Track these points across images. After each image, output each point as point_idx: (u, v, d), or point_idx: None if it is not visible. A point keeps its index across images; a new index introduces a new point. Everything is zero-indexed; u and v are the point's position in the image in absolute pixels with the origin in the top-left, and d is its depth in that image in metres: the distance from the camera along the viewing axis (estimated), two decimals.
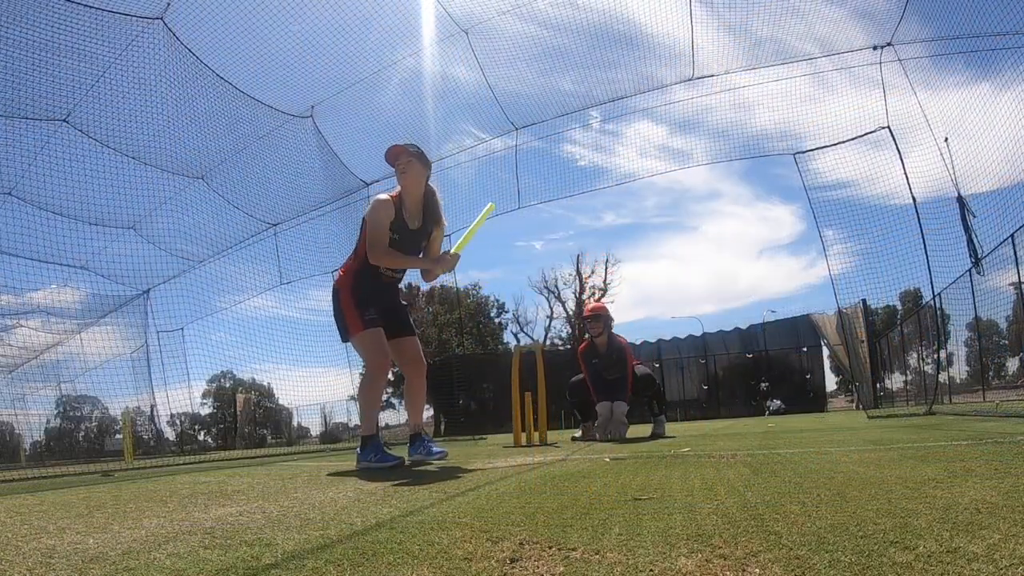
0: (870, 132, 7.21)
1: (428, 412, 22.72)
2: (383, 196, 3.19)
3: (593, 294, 31.18)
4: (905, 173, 6.91)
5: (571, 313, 30.50)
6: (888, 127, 7.07)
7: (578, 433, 5.66)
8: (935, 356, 10.50)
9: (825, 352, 20.07)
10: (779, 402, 18.44)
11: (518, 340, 34.04)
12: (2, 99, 5.85)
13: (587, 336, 5.62)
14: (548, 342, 33.76)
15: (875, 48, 6.81)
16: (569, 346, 26.67)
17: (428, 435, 3.44)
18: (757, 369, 20.48)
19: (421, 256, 3.33)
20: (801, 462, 2.25)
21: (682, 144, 8.89)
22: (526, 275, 50.64)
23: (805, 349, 20.12)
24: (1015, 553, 0.84)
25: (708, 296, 52.99)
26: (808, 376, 20.08)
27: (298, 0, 6.08)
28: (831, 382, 25.35)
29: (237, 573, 0.97)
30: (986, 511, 1.12)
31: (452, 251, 3.33)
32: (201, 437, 29.14)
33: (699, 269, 54.69)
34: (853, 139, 7.37)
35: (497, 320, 36.73)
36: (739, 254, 53.95)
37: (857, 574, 0.81)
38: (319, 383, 10.77)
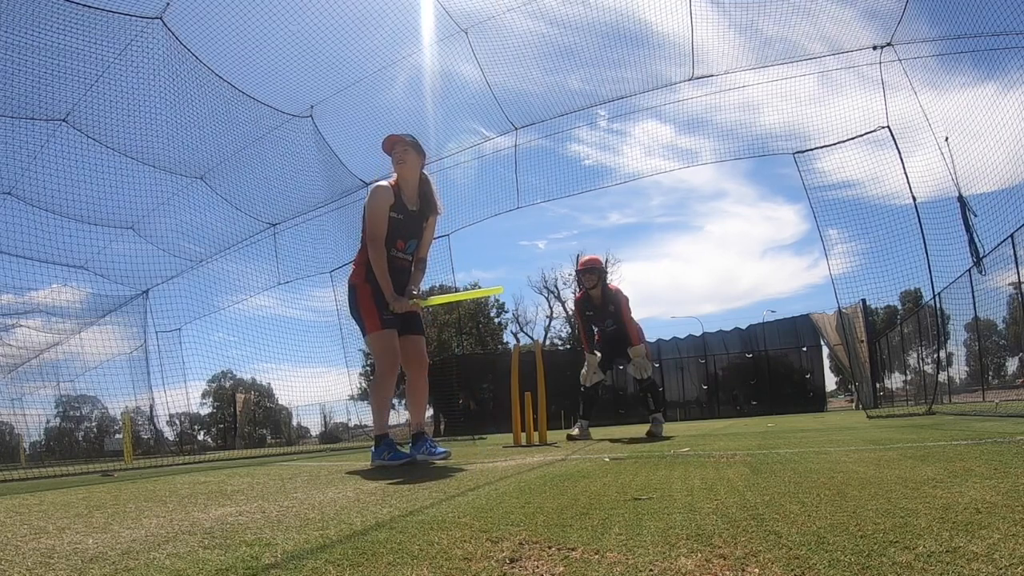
0: (869, 132, 7.21)
1: (428, 412, 22.73)
2: (382, 183, 3.21)
3: None
4: (905, 173, 6.90)
5: (570, 313, 30.50)
6: (888, 127, 7.07)
7: (574, 431, 5.63)
8: (935, 356, 10.50)
9: (825, 352, 20.09)
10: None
11: (518, 340, 34.08)
12: (2, 99, 5.84)
13: (583, 288, 5.75)
14: (548, 342, 33.78)
15: (875, 48, 6.81)
16: (569, 346, 26.64)
17: (429, 435, 3.42)
18: (757, 369, 20.52)
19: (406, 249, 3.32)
20: (801, 462, 2.25)
21: (688, 143, 8.87)
22: (527, 275, 50.73)
23: (805, 349, 20.12)
24: (1015, 553, 0.84)
25: (709, 296, 53.09)
26: (808, 376, 20.10)
27: (297, 0, 6.07)
28: (831, 382, 25.43)
29: (237, 573, 0.97)
30: (986, 511, 1.12)
31: (420, 302, 3.28)
32: (201, 437, 29.13)
33: (701, 269, 54.85)
34: (852, 139, 7.37)
35: (497, 320, 36.74)
36: (742, 254, 54.12)
37: (857, 574, 0.81)
38: (319, 383, 10.78)
